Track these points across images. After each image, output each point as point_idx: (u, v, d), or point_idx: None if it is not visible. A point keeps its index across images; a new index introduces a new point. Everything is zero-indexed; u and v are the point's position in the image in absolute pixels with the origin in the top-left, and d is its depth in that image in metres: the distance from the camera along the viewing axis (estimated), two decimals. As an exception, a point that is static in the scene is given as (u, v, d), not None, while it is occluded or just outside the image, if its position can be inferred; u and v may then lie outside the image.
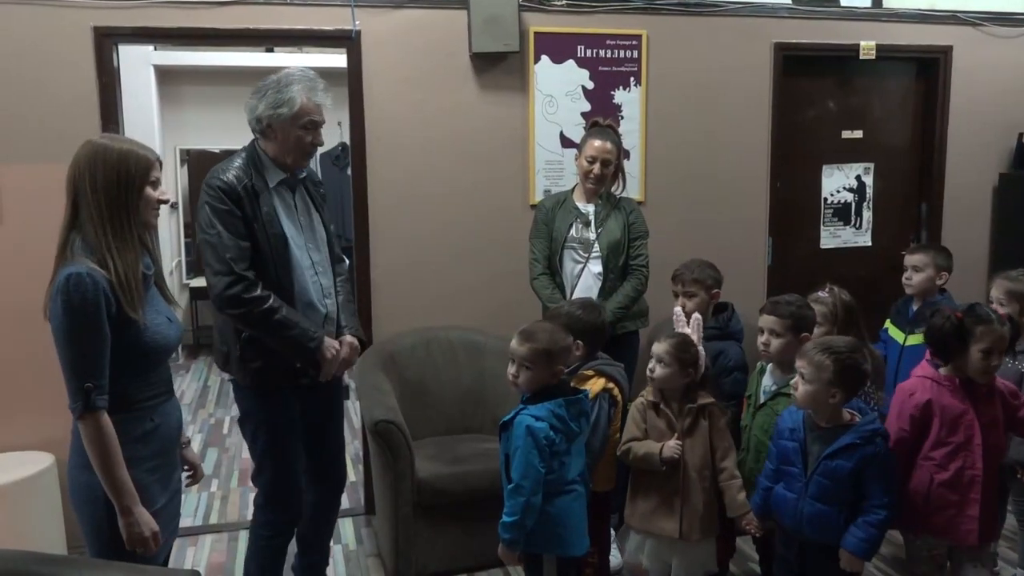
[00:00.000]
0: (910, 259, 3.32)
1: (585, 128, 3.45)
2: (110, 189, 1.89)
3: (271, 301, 2.43)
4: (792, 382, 2.42)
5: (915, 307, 3.22)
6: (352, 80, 3.62)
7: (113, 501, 1.88)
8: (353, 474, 4.30)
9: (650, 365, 2.68)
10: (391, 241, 3.72)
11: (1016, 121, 4.48)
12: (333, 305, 2.66)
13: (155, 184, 1.97)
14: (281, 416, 2.59)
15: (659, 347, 2.65)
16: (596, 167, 3.25)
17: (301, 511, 2.69)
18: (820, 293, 2.89)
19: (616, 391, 2.68)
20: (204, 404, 5.63)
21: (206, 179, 2.50)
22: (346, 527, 3.68)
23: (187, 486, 2.25)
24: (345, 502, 3.90)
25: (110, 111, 3.38)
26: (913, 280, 3.27)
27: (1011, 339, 2.49)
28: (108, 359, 1.86)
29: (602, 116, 3.74)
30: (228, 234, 2.41)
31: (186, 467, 2.23)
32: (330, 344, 2.55)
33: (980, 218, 4.55)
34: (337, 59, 3.96)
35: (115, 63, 3.44)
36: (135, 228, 1.93)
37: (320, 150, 6.69)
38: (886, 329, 3.32)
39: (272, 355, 2.50)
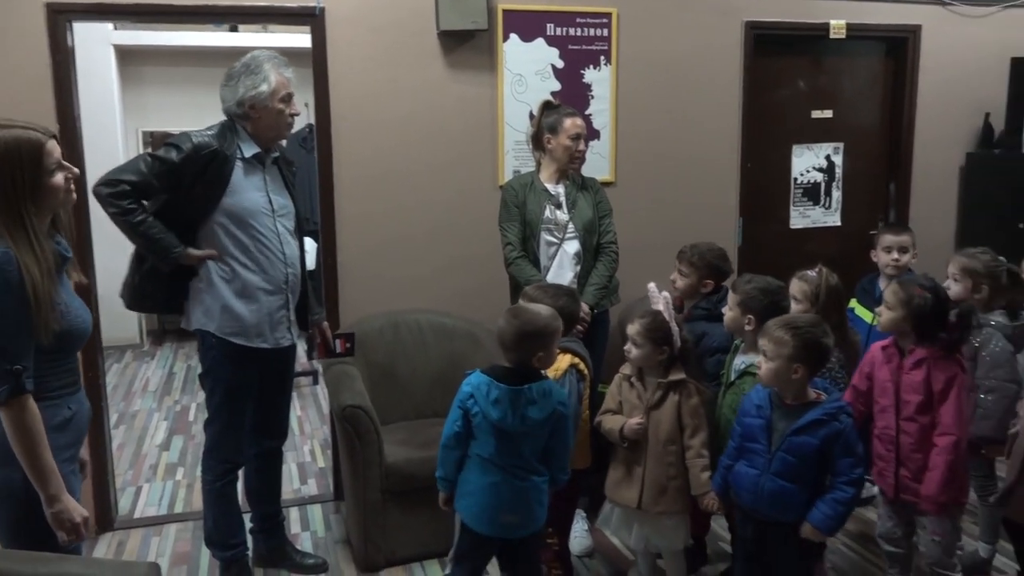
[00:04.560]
0: (897, 240, 3.32)
1: (540, 111, 3.36)
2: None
3: (137, 215, 2.63)
4: (756, 361, 2.44)
5: (882, 286, 3.23)
6: (316, 58, 3.53)
7: (40, 490, 1.80)
8: (322, 460, 4.26)
9: (626, 346, 2.73)
10: (358, 223, 3.65)
11: (983, 101, 4.50)
12: (295, 275, 2.88)
13: (57, 168, 1.83)
14: (240, 378, 2.81)
15: (632, 328, 2.70)
16: (580, 144, 3.24)
17: (240, 459, 2.93)
18: (809, 272, 2.90)
19: (583, 366, 2.68)
20: (170, 391, 5.53)
21: (174, 138, 2.68)
22: (315, 513, 3.63)
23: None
24: (313, 488, 3.92)
25: (65, 92, 3.27)
26: (902, 261, 3.29)
27: (965, 326, 2.52)
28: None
29: (571, 96, 3.73)
30: (148, 170, 2.62)
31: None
32: (194, 254, 2.72)
33: (947, 197, 4.58)
34: (302, 39, 3.87)
35: (70, 42, 3.32)
36: (35, 223, 1.79)
37: (287, 132, 6.51)
38: (852, 309, 3.33)
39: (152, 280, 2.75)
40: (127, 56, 6.71)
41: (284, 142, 3.04)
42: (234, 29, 6.45)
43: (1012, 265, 2.96)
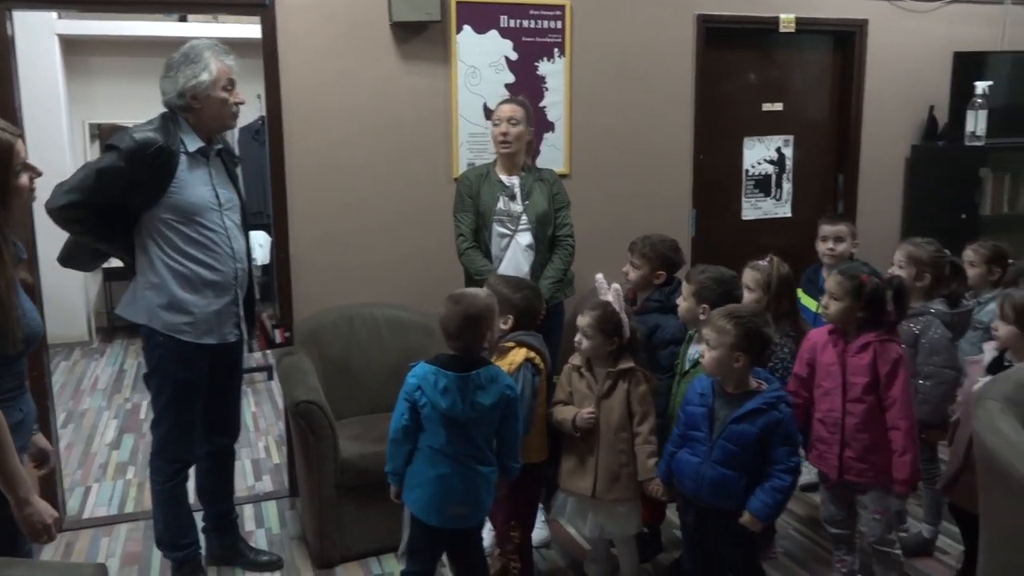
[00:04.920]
0: (833, 230, 3.39)
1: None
2: None
3: (93, 238, 2.66)
4: (700, 349, 2.48)
5: (825, 275, 3.30)
6: (267, 49, 3.48)
7: (9, 495, 1.76)
8: (277, 456, 4.21)
9: (577, 338, 2.74)
10: (311, 216, 3.61)
11: (928, 94, 4.60)
12: (243, 270, 2.83)
13: (23, 168, 1.80)
14: (189, 375, 2.75)
15: (582, 320, 2.72)
16: (503, 126, 3.25)
17: (191, 458, 2.88)
18: (760, 262, 2.95)
19: (539, 360, 2.68)
20: (120, 389, 5.43)
21: (113, 139, 2.58)
22: (269, 510, 3.59)
23: (42, 473, 2.19)
24: (268, 485, 3.88)
25: (4, 83, 3.18)
26: (837, 250, 3.36)
27: (901, 302, 2.59)
28: None
29: (526, 88, 3.73)
30: (98, 186, 2.55)
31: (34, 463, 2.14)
32: None
33: (893, 188, 4.68)
34: (253, 29, 3.81)
35: (9, 31, 3.23)
36: (3, 228, 1.76)
37: (239, 123, 6.52)
38: (797, 298, 3.39)
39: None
40: (72, 46, 6.54)
41: (234, 132, 2.99)
42: (184, 19, 6.33)
43: (955, 258, 3.04)
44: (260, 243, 6.06)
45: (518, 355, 2.64)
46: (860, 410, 2.56)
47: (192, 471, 2.94)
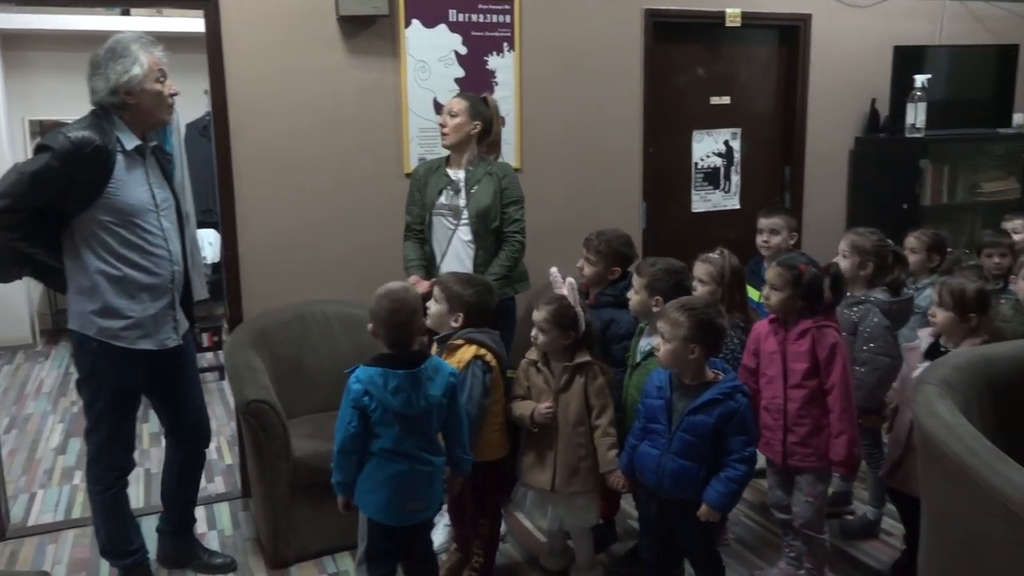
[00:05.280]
0: (768, 222, 3.46)
1: None
2: None
3: (25, 245, 2.56)
4: (655, 342, 2.50)
5: (767, 267, 3.36)
6: (211, 43, 3.42)
7: None
8: (229, 457, 4.16)
9: (533, 333, 2.75)
10: (259, 213, 3.57)
11: (870, 87, 4.70)
12: (180, 272, 2.77)
13: None
14: (125, 382, 2.68)
15: (538, 315, 2.73)
16: (441, 118, 3.26)
17: (129, 465, 2.81)
18: (712, 255, 2.98)
19: (489, 357, 2.67)
20: (66, 392, 5.30)
21: (45, 139, 2.49)
22: (221, 512, 3.54)
23: None
24: (220, 486, 3.82)
25: (-65, 76, 3.08)
26: (771, 242, 3.42)
27: (838, 288, 2.65)
28: None
29: (476, 82, 3.72)
30: (30, 189, 2.46)
31: None
32: None
33: (838, 179, 4.78)
34: (197, 23, 3.73)
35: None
36: None
37: (186, 120, 6.36)
38: (746, 289, 3.45)
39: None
40: (11, 41, 6.35)
41: (181, 128, 2.92)
42: (126, 13, 6.17)
43: (897, 247, 3.12)
44: (210, 241, 5.97)
45: (467, 352, 2.64)
46: (801, 396, 2.61)
47: (135, 476, 2.91)
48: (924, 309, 3.09)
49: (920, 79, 4.46)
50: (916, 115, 4.46)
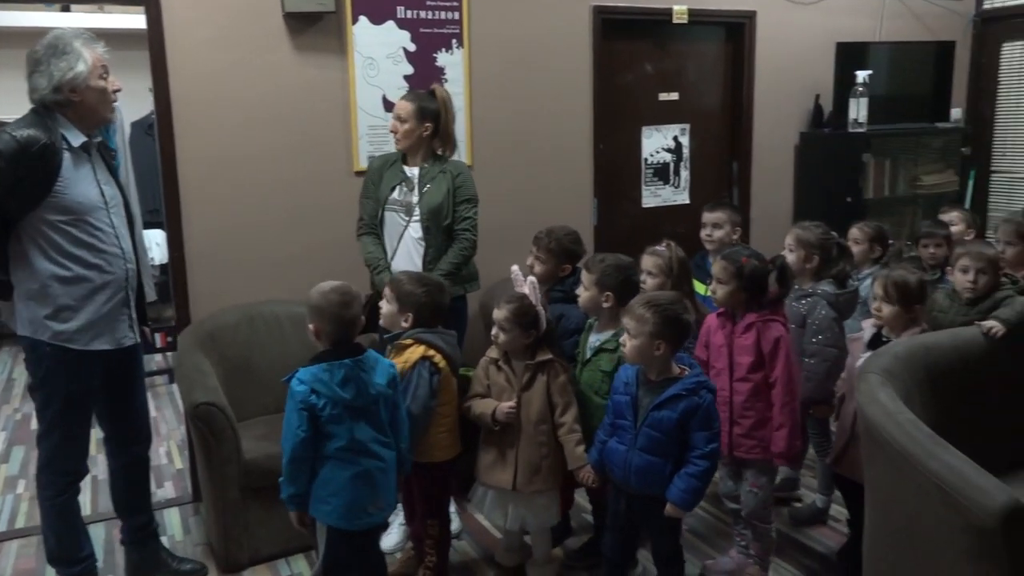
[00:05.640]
0: (711, 217, 3.51)
1: None
2: None
3: None
4: (618, 337, 2.52)
5: (712, 260, 3.42)
6: (152, 39, 3.35)
7: None
8: (179, 461, 4.09)
9: (493, 331, 2.75)
10: (206, 213, 3.51)
11: (814, 83, 4.79)
12: (133, 270, 2.73)
13: None
14: (80, 385, 2.64)
15: (499, 313, 2.72)
16: (391, 122, 3.25)
17: (83, 469, 2.77)
18: (658, 247, 3.01)
19: (439, 358, 2.66)
20: (8, 399, 5.15)
21: None
22: (172, 517, 3.48)
23: None
24: (170, 491, 3.76)
25: None
26: (715, 236, 3.47)
27: (784, 281, 2.71)
28: None
29: (425, 79, 3.69)
30: None
31: None
32: None
33: (784, 174, 4.87)
34: (140, 19, 3.65)
35: None
36: None
37: (131, 118, 6.22)
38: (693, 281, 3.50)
39: None
40: (-58, 37, 6.14)
41: (126, 127, 2.86)
42: (66, 9, 6.02)
43: (842, 239, 3.19)
44: (157, 242, 5.85)
45: (415, 352, 2.63)
46: (746, 388, 2.66)
47: (88, 483, 2.84)
48: (865, 298, 3.17)
49: (862, 75, 4.56)
50: (858, 110, 4.56)
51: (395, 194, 3.23)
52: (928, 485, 2.05)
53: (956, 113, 5.10)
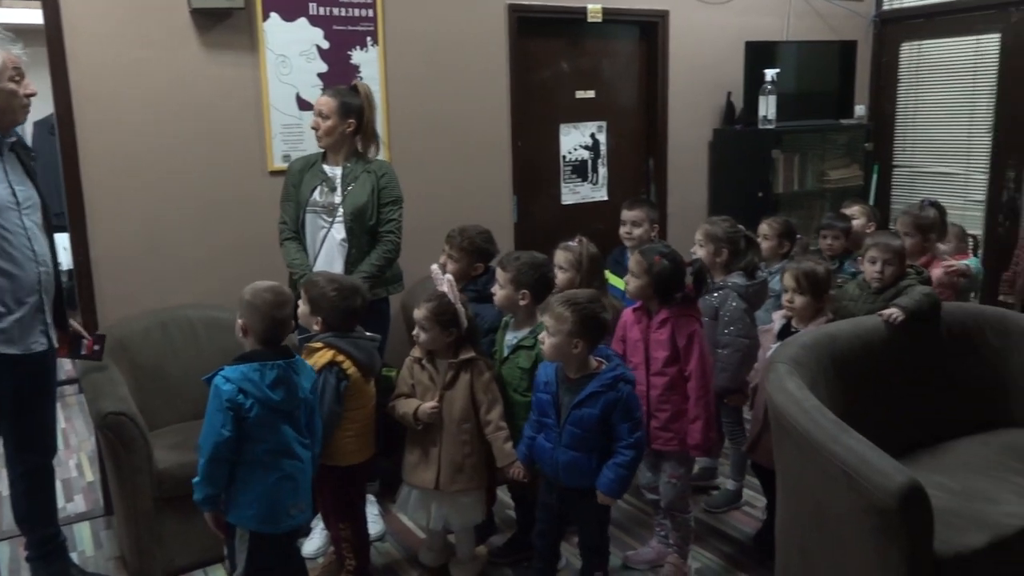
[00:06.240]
0: (630, 215, 3.57)
1: None
2: None
3: None
4: (539, 336, 2.54)
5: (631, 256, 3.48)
6: (51, 35, 3.21)
7: None
8: (90, 473, 3.94)
9: (415, 331, 2.75)
10: (113, 216, 3.38)
11: (725, 81, 4.91)
12: (48, 273, 2.64)
13: None
14: None
15: (418, 313, 2.72)
16: (312, 119, 3.19)
17: None
18: (570, 243, 3.05)
19: (347, 364, 2.61)
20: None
21: None
22: (82, 532, 3.36)
23: None
24: (81, 505, 3.63)
25: None
26: (634, 234, 3.53)
27: (701, 282, 2.78)
28: None
29: (340, 77, 3.65)
30: None
31: None
32: None
33: (699, 170, 4.98)
34: (36, 14, 3.50)
35: None
36: None
37: (33, 118, 5.99)
38: (605, 276, 3.55)
39: None
40: None
41: (28, 127, 2.74)
42: (-41, 3, 5.73)
43: (749, 232, 3.28)
44: (64, 246, 5.60)
45: (323, 357, 2.59)
46: (662, 383, 2.71)
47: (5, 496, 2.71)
48: (777, 293, 3.27)
49: (770, 73, 4.69)
50: (767, 107, 4.70)
51: (316, 196, 3.18)
52: (833, 468, 2.13)
53: (860, 110, 5.31)
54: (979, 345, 2.95)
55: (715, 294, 3.10)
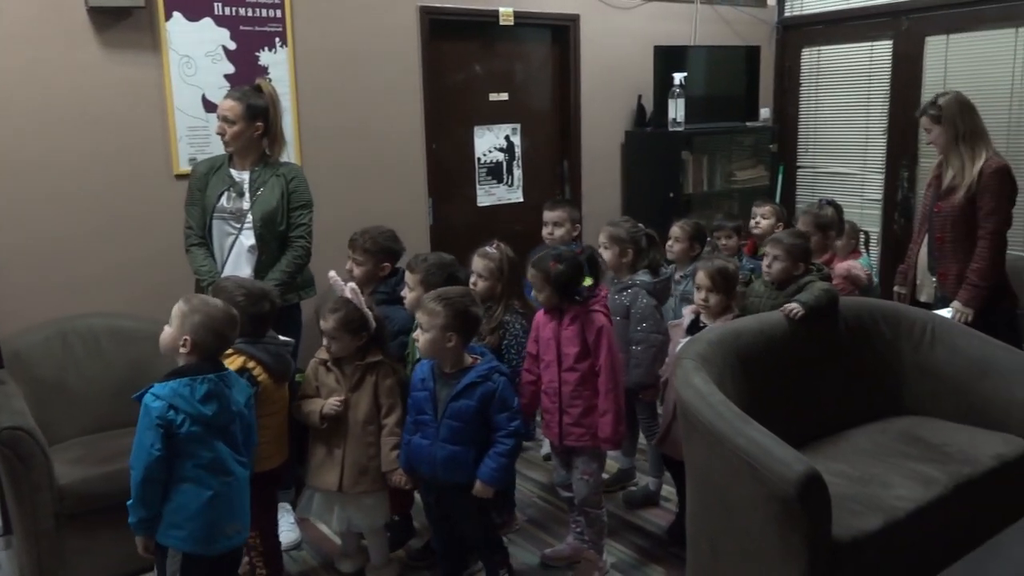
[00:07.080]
0: (551, 215, 3.61)
1: None
2: None
3: None
4: (414, 334, 2.56)
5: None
6: (-66, 34, 3.07)
7: None
8: (-13, 493, 3.75)
9: (325, 342, 2.74)
10: (7, 223, 3.25)
11: (636, 84, 5.02)
12: None
13: None
14: None
15: (326, 324, 2.71)
16: (218, 124, 3.11)
17: None
18: (488, 248, 3.04)
19: (258, 371, 2.58)
20: None
21: None
22: (-21, 554, 3.20)
23: None
24: (-24, 526, 3.44)
25: None
26: (556, 234, 3.57)
27: (595, 270, 2.82)
28: None
29: (248, 79, 3.58)
30: None
31: None
32: None
33: (612, 172, 5.07)
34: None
35: None
36: None
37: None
38: (524, 278, 3.58)
39: None
40: None
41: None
42: None
43: (649, 230, 3.34)
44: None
45: (233, 363, 2.53)
46: (573, 379, 2.76)
47: None
48: (689, 294, 3.35)
49: (679, 77, 4.81)
50: (676, 110, 4.82)
51: (223, 201, 3.10)
52: (736, 460, 2.20)
53: (765, 113, 5.50)
54: (874, 337, 3.09)
55: (625, 292, 3.16)
